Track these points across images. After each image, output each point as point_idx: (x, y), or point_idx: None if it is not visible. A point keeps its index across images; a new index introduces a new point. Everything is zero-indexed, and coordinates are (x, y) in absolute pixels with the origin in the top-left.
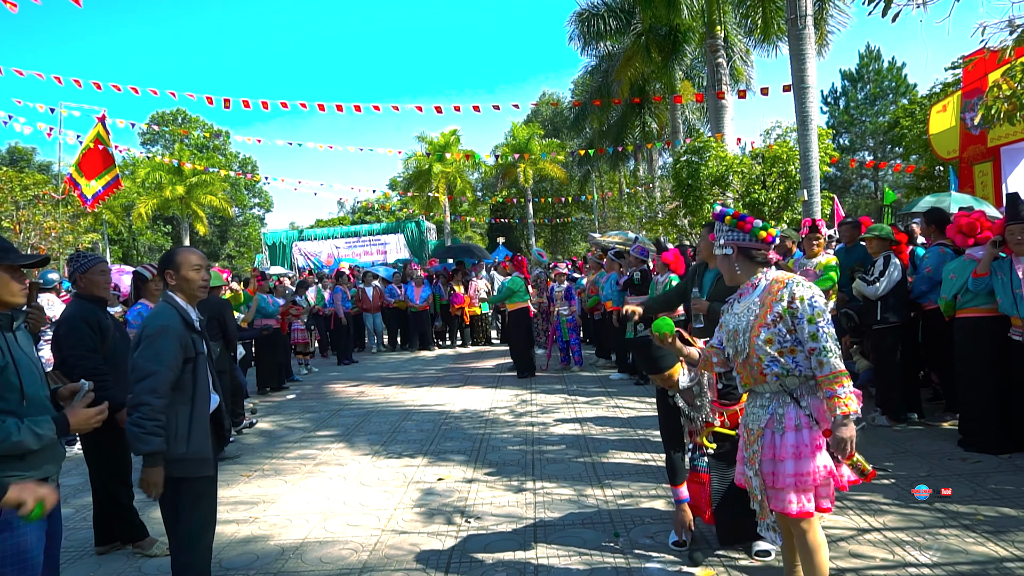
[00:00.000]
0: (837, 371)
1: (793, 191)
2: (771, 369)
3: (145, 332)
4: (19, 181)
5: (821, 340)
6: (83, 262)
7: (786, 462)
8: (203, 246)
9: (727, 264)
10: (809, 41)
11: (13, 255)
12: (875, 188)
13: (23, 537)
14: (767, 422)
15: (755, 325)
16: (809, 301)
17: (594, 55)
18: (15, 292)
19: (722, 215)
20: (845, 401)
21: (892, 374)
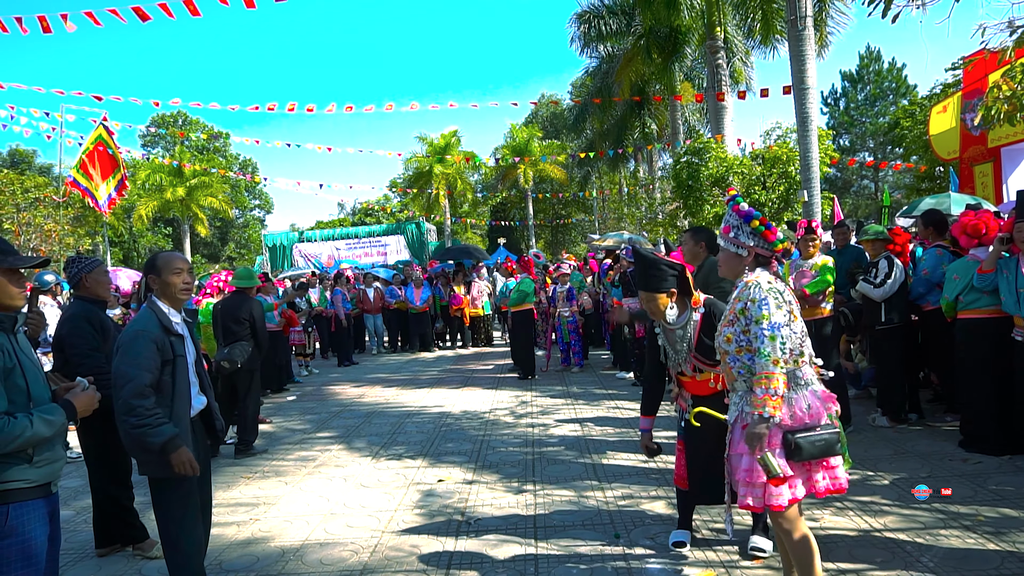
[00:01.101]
0: (764, 371)
1: (793, 192)
2: (734, 366)
3: (122, 339)
4: (20, 183)
5: (759, 342)
6: (85, 264)
7: (742, 457)
8: (204, 248)
9: (734, 262)
10: (809, 42)
11: (12, 257)
12: (875, 189)
13: (28, 541)
14: (735, 419)
15: (721, 326)
16: (759, 304)
17: (594, 56)
18: (14, 295)
19: (749, 216)
20: (761, 401)
21: (893, 375)
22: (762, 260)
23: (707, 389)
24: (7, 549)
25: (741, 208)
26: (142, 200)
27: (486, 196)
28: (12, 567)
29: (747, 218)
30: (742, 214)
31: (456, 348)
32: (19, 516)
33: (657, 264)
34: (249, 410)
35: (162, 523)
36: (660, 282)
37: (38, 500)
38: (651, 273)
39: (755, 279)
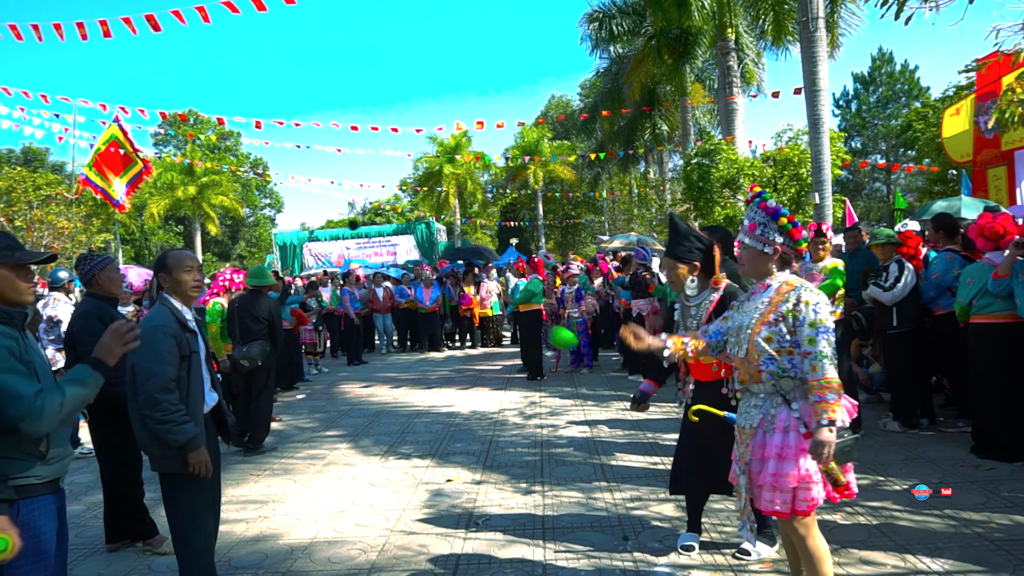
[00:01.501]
0: (830, 377)
1: (804, 194)
2: (767, 367)
3: (141, 334)
4: (32, 181)
5: (817, 345)
6: (97, 261)
7: (769, 461)
8: (214, 246)
9: (760, 260)
10: (821, 43)
11: (19, 253)
12: (887, 192)
13: (39, 536)
14: (759, 422)
15: (757, 322)
16: (814, 306)
17: (605, 57)
18: (23, 291)
19: (777, 214)
20: (833, 407)
21: (904, 380)
22: (785, 260)
23: (709, 373)
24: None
25: (768, 205)
26: (154, 198)
27: (496, 196)
28: (23, 562)
29: (775, 215)
30: (769, 211)
31: (465, 348)
32: (31, 512)
33: (688, 235)
34: (263, 408)
35: (172, 519)
36: (686, 252)
37: (48, 496)
38: (679, 241)
39: (797, 280)
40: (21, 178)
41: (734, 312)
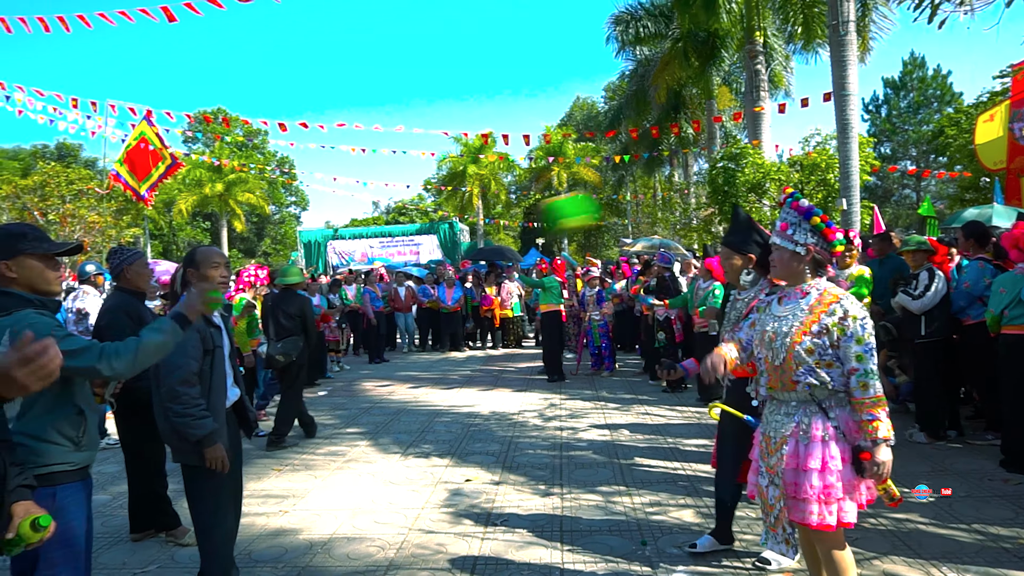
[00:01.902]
0: (880, 395)
1: (831, 200)
2: (804, 379)
3: None
4: (65, 176)
5: (868, 362)
6: (127, 256)
7: (810, 473)
8: (240, 243)
9: (793, 262)
10: (851, 47)
11: (46, 244)
12: (917, 198)
13: (71, 522)
14: (792, 431)
15: (798, 332)
16: (861, 321)
17: (631, 60)
18: (51, 280)
19: (809, 213)
20: (887, 426)
21: (932, 390)
22: (819, 262)
23: (740, 370)
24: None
25: (801, 204)
26: (182, 195)
27: (519, 198)
28: (54, 546)
29: (807, 214)
30: (802, 210)
31: (486, 348)
32: (65, 498)
33: (748, 227)
34: (289, 404)
35: (194, 511)
36: (742, 242)
37: (79, 482)
38: (738, 230)
39: (840, 291)
40: (55, 173)
41: (762, 315)
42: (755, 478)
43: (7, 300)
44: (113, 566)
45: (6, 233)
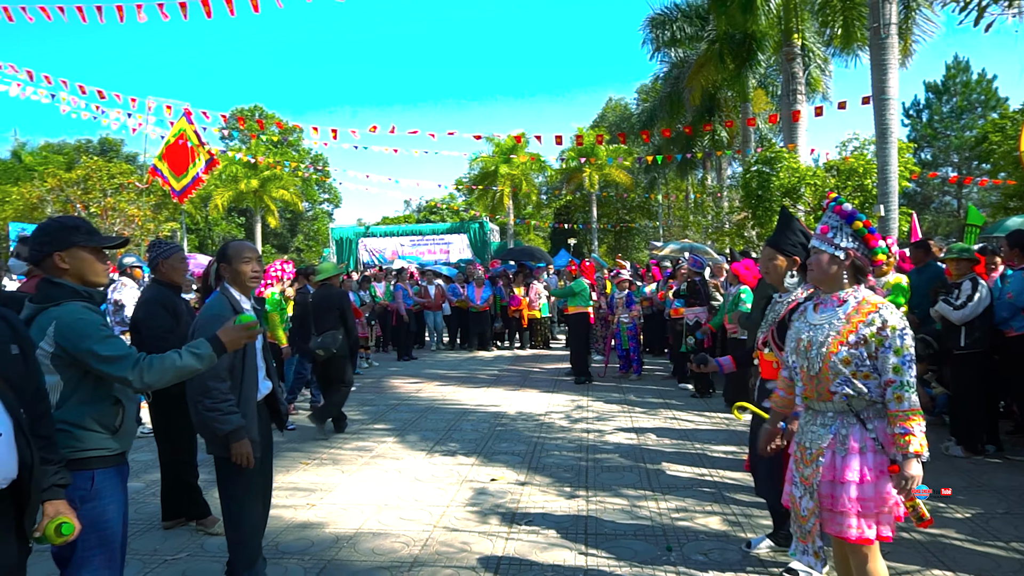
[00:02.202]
0: (916, 408)
1: (869, 206)
2: (841, 389)
3: (199, 322)
4: (107, 170)
5: (905, 374)
6: (163, 249)
7: (848, 485)
8: (274, 238)
9: (832, 266)
10: (892, 51)
11: (97, 237)
12: (958, 206)
13: (107, 506)
14: (829, 442)
15: (834, 341)
16: (900, 332)
17: (665, 61)
18: (99, 272)
19: (852, 217)
20: (920, 440)
21: (970, 403)
22: (859, 269)
23: (771, 372)
24: (91, 511)
25: (843, 208)
26: (218, 190)
27: (550, 198)
28: (88, 530)
29: (849, 219)
30: (844, 214)
31: (514, 349)
32: (102, 482)
33: (793, 227)
34: (340, 392)
35: (224, 501)
36: (788, 244)
37: (115, 468)
38: (783, 231)
39: (879, 300)
40: (97, 167)
41: (797, 323)
42: (789, 488)
43: (57, 290)
44: (145, 552)
45: (60, 226)
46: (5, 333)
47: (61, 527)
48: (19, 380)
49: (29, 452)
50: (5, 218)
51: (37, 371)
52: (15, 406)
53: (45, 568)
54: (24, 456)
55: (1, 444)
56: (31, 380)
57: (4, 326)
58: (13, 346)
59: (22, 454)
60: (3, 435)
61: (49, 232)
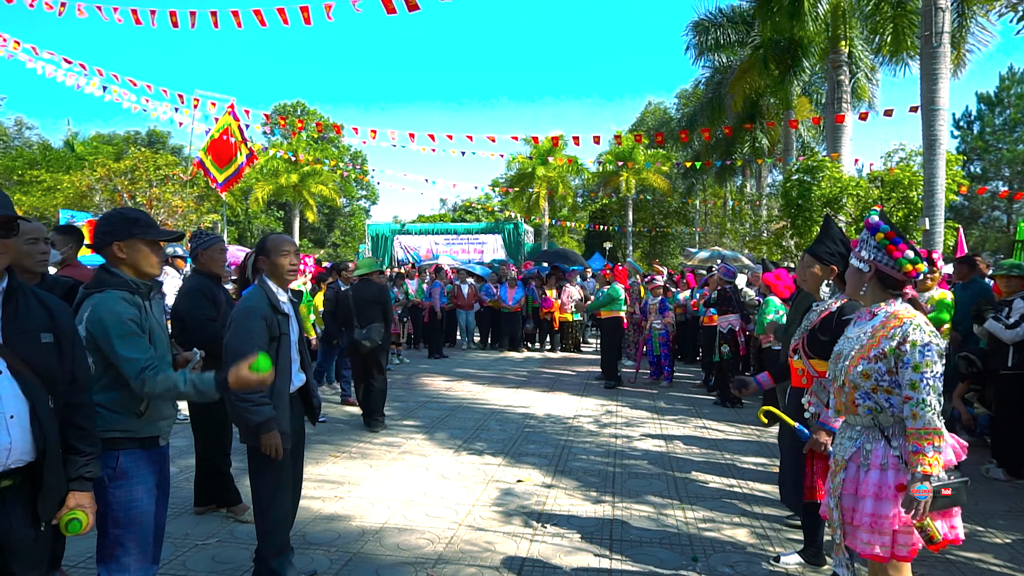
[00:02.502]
0: (931, 428)
1: (913, 219)
2: (863, 402)
3: (234, 314)
4: (153, 162)
5: (921, 392)
6: (204, 240)
7: (866, 500)
8: (311, 233)
9: (854, 278)
10: (944, 60)
11: (154, 231)
12: (1008, 221)
13: (134, 487)
14: (852, 455)
15: (856, 355)
16: (921, 348)
17: (708, 67)
18: (154, 264)
19: (875, 228)
20: (930, 461)
21: (1014, 424)
22: (888, 282)
23: (798, 380)
24: (120, 490)
25: (871, 220)
26: (259, 184)
27: (585, 200)
28: (124, 507)
29: (873, 230)
30: (869, 226)
31: (544, 351)
32: (128, 463)
33: (833, 236)
34: (380, 380)
35: (255, 490)
36: (826, 253)
37: (142, 450)
38: (823, 239)
39: (908, 315)
40: (144, 158)
41: (841, 340)
42: (827, 499)
43: (108, 278)
44: (177, 536)
45: (123, 217)
46: (42, 321)
47: (70, 524)
48: (47, 367)
49: (43, 438)
50: (56, 205)
51: (75, 362)
52: (35, 391)
53: (80, 545)
54: (39, 441)
55: (13, 426)
56: (65, 369)
57: (43, 313)
58: (46, 334)
59: (36, 438)
60: (15, 417)
61: (112, 222)
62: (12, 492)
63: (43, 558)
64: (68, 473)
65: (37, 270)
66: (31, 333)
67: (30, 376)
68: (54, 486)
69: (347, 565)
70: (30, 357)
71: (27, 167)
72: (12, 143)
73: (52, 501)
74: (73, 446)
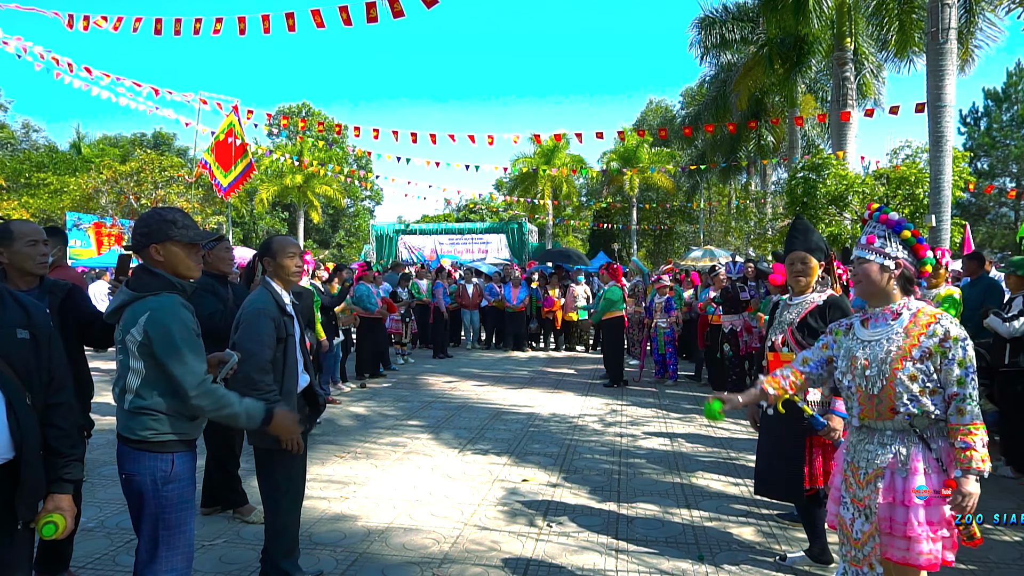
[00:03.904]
0: (977, 420)
1: (920, 216)
2: (906, 408)
3: (244, 315)
4: (158, 163)
5: (968, 386)
6: (209, 241)
7: (916, 508)
8: (315, 233)
9: (879, 276)
10: (951, 56)
11: (193, 232)
12: (1015, 217)
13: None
14: (888, 462)
15: (898, 357)
16: (962, 343)
17: (713, 64)
18: (192, 267)
19: (900, 226)
20: (982, 456)
21: (1020, 422)
22: (908, 280)
23: None
24: (171, 492)
25: (890, 217)
26: (264, 185)
27: (590, 201)
28: (174, 508)
29: (898, 227)
30: (891, 223)
31: (548, 350)
32: (180, 465)
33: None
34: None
35: (265, 491)
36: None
37: (191, 453)
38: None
39: (936, 311)
40: (150, 160)
41: (847, 341)
42: (836, 508)
43: (153, 280)
44: None
45: (160, 219)
46: (18, 317)
47: (45, 527)
48: (24, 363)
49: (20, 433)
50: (63, 207)
51: (52, 360)
52: (11, 386)
53: (88, 547)
54: (15, 435)
55: None
56: (43, 368)
57: (19, 311)
58: (22, 331)
59: (13, 433)
60: None
61: (149, 224)
62: None
63: (23, 563)
64: (48, 475)
65: (37, 272)
66: (7, 329)
67: (6, 371)
68: (32, 484)
69: (353, 565)
70: (5, 352)
71: (34, 170)
72: (19, 146)
73: (31, 500)
74: (53, 448)
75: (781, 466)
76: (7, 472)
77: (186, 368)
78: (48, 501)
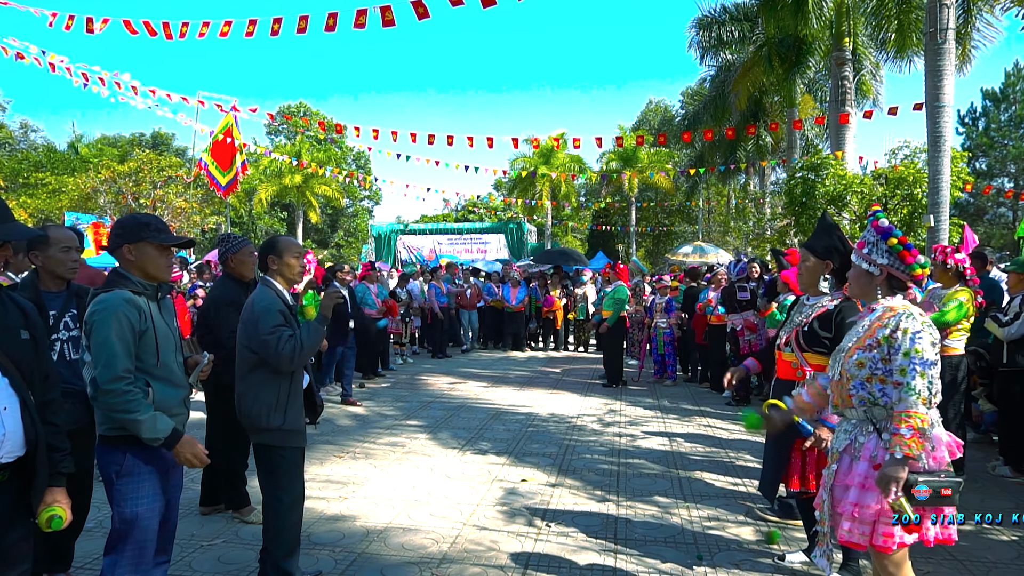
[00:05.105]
0: (912, 411)
1: (918, 216)
2: (858, 393)
3: (255, 313)
4: (157, 163)
5: (908, 376)
6: (233, 243)
7: (849, 489)
8: (315, 234)
9: (866, 282)
10: (949, 56)
11: (164, 235)
12: (1013, 217)
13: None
14: (845, 447)
15: (852, 347)
16: (912, 335)
17: (712, 65)
18: (163, 268)
19: (888, 233)
20: (909, 442)
21: (1019, 422)
22: (896, 283)
23: (789, 372)
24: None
25: (880, 224)
26: (262, 185)
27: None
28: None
29: (885, 235)
30: (880, 230)
31: (548, 350)
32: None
33: (831, 232)
34: None
35: (267, 491)
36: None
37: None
38: (820, 234)
39: (903, 306)
40: (148, 160)
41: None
42: (821, 492)
43: (119, 280)
44: (183, 536)
45: (135, 221)
46: (18, 320)
47: (51, 520)
48: (27, 363)
49: (34, 431)
50: (62, 207)
51: (48, 360)
52: (21, 386)
53: (88, 547)
54: (29, 434)
55: (7, 417)
56: (40, 367)
57: (19, 314)
58: (24, 331)
59: (27, 431)
60: (8, 409)
61: (124, 226)
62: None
63: (30, 555)
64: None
65: (67, 276)
66: (12, 330)
67: (14, 371)
68: (43, 478)
69: (352, 565)
70: (12, 353)
71: (32, 170)
72: (18, 146)
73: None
74: (50, 443)
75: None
76: (17, 470)
77: (102, 361)
78: (47, 494)
